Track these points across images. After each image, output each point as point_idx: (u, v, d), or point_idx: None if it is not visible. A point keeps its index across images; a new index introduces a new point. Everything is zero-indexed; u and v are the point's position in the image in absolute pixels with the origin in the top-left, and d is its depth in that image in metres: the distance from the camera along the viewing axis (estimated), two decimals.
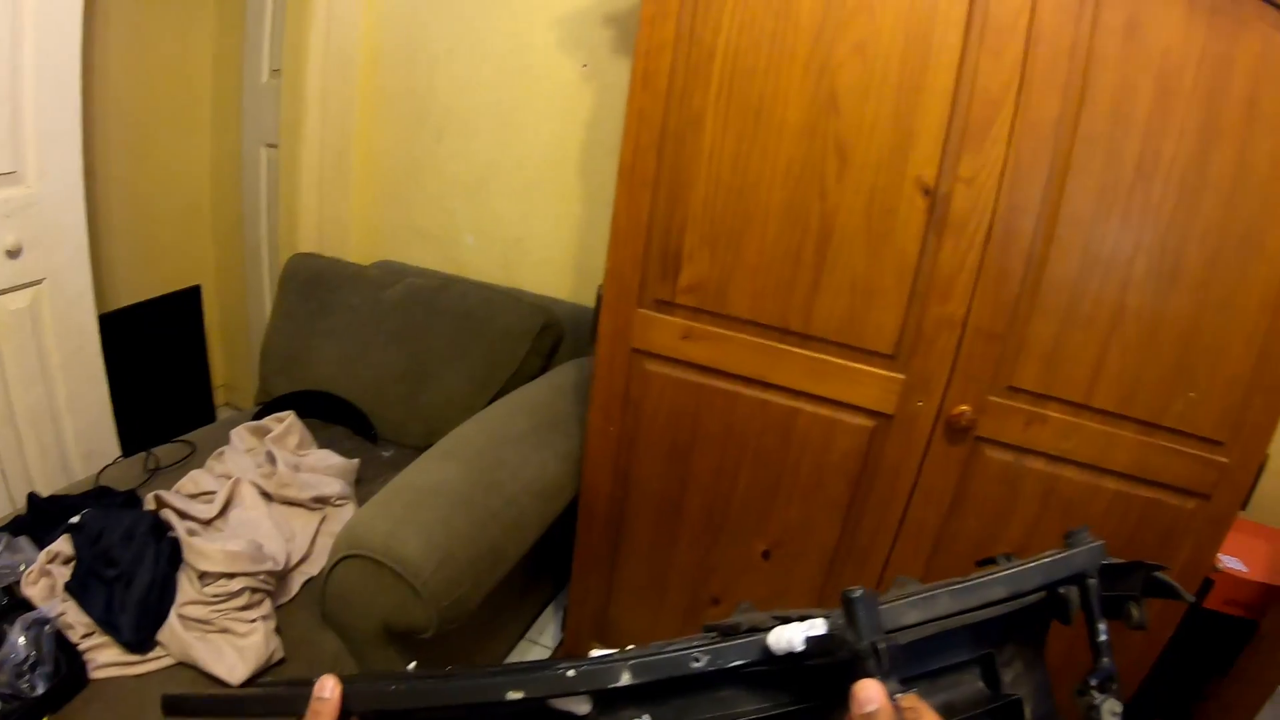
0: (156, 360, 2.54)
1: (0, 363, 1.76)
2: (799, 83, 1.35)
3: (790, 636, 0.48)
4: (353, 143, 2.35)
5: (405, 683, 0.52)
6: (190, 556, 1.38)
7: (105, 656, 1.29)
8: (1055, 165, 1.30)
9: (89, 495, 1.62)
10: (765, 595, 1.67)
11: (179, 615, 1.33)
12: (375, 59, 2.29)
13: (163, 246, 2.59)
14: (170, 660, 1.31)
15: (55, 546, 1.40)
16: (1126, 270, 1.32)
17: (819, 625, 0.48)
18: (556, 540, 1.75)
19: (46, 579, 1.36)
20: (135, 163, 2.42)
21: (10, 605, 1.30)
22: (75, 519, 1.43)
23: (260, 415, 1.93)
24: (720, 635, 0.53)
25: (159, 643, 1.32)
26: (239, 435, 1.82)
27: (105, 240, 2.27)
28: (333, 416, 2.05)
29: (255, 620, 1.36)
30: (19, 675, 1.17)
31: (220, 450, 1.78)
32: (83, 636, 1.30)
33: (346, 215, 2.42)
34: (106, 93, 2.24)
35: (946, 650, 0.59)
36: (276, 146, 2.41)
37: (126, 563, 1.34)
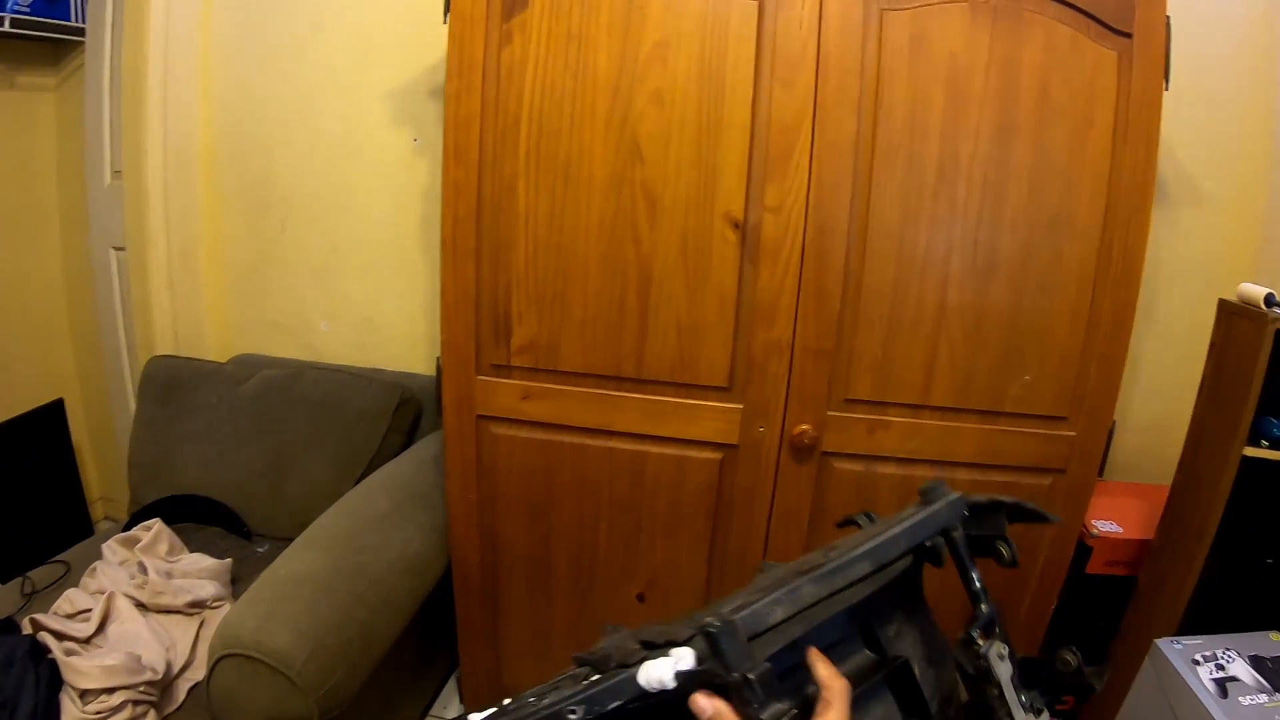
0: (25, 480, 2.44)
1: None
2: (602, 137, 1.41)
3: (660, 675, 0.47)
4: (199, 239, 2.32)
5: None
6: (69, 676, 1.38)
7: None
8: (858, 181, 1.37)
9: None
10: None
11: None
12: (213, 152, 2.28)
13: (19, 361, 2.50)
14: None
15: None
16: (943, 270, 1.40)
17: (687, 657, 0.47)
18: (442, 612, 1.74)
19: None
20: None
21: None
22: None
23: (130, 525, 1.90)
24: (591, 668, 0.53)
25: None
26: (110, 549, 1.78)
27: None
28: (205, 518, 2.01)
29: None
30: None
31: (93, 566, 1.74)
32: None
33: (200, 313, 2.38)
34: None
35: (826, 632, 0.58)
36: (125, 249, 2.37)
37: (9, 690, 1.33)
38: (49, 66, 2.45)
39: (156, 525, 1.85)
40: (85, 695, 1.36)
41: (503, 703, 0.53)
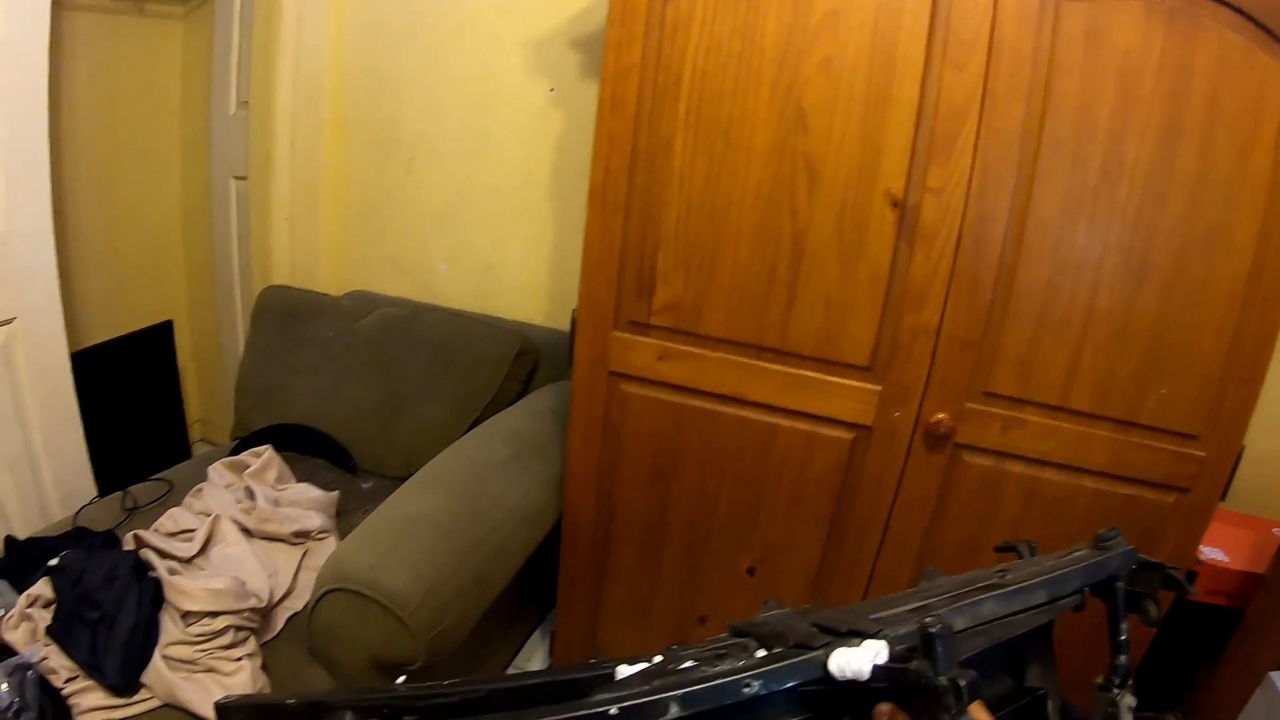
0: (130, 397, 2.51)
1: None
2: (766, 103, 1.38)
3: (856, 664, 0.45)
4: (323, 173, 2.35)
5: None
6: (173, 596, 1.37)
7: (90, 700, 1.27)
8: (1022, 172, 1.33)
9: (67, 536, 1.60)
10: (753, 611, 1.67)
11: (163, 656, 1.32)
12: (343, 89, 2.30)
13: (134, 282, 2.57)
14: (156, 702, 1.30)
15: (35, 590, 1.37)
16: (1096, 272, 1.35)
17: (883, 652, 0.46)
18: (541, 564, 1.75)
19: (27, 623, 1.34)
20: (104, 198, 2.40)
21: None
22: (54, 561, 1.40)
23: (237, 450, 1.91)
24: (757, 642, 0.51)
25: (144, 685, 1.30)
26: (217, 471, 1.80)
27: (75, 277, 2.25)
28: (310, 449, 2.03)
29: (241, 659, 1.35)
30: None
31: (198, 487, 1.75)
32: (66, 681, 1.27)
33: (318, 246, 2.41)
34: (74, 128, 2.22)
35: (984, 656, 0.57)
36: (246, 179, 2.40)
37: (109, 605, 1.32)
38: None
39: (267, 452, 1.87)
40: (188, 616, 1.34)
41: (604, 660, 0.49)
